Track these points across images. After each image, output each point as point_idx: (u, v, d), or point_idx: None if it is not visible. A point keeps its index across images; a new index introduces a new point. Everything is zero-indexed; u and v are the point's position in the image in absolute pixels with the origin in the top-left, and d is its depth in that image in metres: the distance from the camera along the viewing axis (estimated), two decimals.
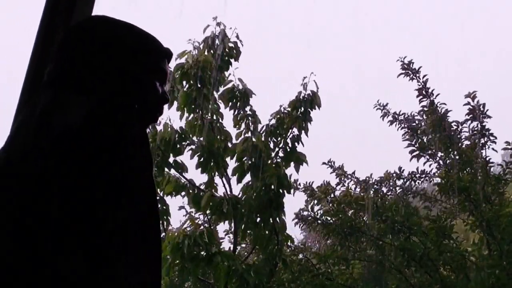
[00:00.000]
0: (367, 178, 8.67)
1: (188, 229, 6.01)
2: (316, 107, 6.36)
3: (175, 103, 6.45)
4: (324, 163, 8.80)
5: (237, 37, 6.55)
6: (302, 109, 6.33)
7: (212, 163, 6.35)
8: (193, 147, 6.41)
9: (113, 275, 1.36)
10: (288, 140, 6.41)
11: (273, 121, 6.50)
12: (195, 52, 6.47)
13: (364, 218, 8.51)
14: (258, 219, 6.19)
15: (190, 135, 6.43)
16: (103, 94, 1.51)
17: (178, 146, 6.38)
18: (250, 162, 6.16)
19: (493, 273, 7.26)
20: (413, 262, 8.10)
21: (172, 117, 6.59)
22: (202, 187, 6.54)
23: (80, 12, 1.88)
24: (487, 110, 7.67)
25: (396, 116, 8.29)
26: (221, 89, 6.55)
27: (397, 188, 8.63)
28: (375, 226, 8.29)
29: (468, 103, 7.69)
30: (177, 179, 6.48)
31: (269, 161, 6.27)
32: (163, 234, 6.47)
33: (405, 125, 8.21)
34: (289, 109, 6.44)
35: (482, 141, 7.69)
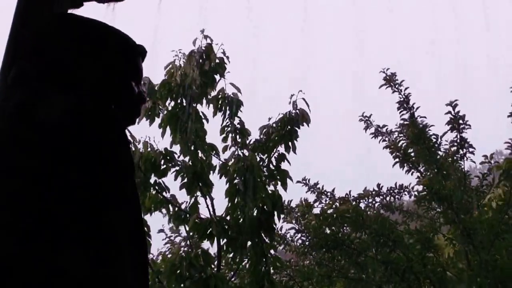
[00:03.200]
0: (346, 195, 8.70)
1: (181, 251, 5.93)
2: (305, 124, 6.28)
3: (156, 119, 6.32)
4: (298, 181, 8.77)
5: (223, 53, 6.44)
6: (289, 127, 6.24)
7: (197, 185, 6.26)
8: (177, 168, 6.31)
9: (114, 275, 1.38)
10: (273, 159, 6.36)
11: (261, 136, 6.42)
12: (180, 64, 6.36)
13: (347, 231, 8.53)
14: (248, 241, 6.09)
15: (175, 156, 6.32)
16: (84, 91, 1.49)
17: (162, 167, 6.27)
18: (242, 183, 6.05)
19: (474, 281, 7.34)
20: (395, 277, 8.14)
21: (151, 134, 6.40)
22: (183, 206, 6.45)
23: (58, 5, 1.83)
24: (467, 121, 7.80)
25: (379, 129, 8.39)
26: (212, 94, 6.39)
27: (376, 204, 8.69)
28: (358, 239, 8.32)
29: (449, 112, 7.81)
30: (157, 195, 6.39)
31: (261, 182, 6.18)
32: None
33: (387, 138, 8.31)
34: (275, 126, 6.35)
35: (461, 152, 7.82)
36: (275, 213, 6.14)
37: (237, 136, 6.36)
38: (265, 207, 6.06)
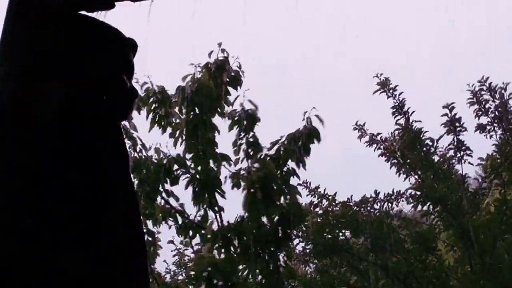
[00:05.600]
0: (348, 200, 8.65)
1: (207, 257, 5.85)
2: (316, 140, 6.17)
3: (169, 128, 6.29)
4: (299, 184, 8.67)
5: (239, 66, 6.41)
6: (300, 143, 6.12)
7: (206, 196, 6.19)
8: (189, 175, 6.23)
9: (114, 275, 1.39)
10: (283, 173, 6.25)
11: (272, 152, 6.29)
12: (198, 76, 6.30)
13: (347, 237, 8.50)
14: (263, 250, 5.97)
15: (188, 163, 6.27)
16: (81, 87, 1.48)
17: (175, 174, 6.21)
18: (260, 191, 5.92)
19: (479, 285, 7.31)
20: (397, 282, 8.10)
21: (162, 142, 6.38)
22: (191, 217, 6.39)
23: None
24: (463, 123, 7.81)
25: (374, 137, 8.37)
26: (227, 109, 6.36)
27: (375, 211, 8.65)
28: (358, 245, 8.30)
29: (446, 115, 7.82)
30: (164, 205, 6.33)
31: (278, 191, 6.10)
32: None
33: (381, 146, 8.30)
34: (286, 142, 6.24)
35: (458, 155, 7.83)
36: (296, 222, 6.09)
37: (249, 150, 6.28)
38: (284, 215, 5.96)
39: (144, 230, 6.18)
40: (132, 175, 6.05)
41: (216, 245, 5.98)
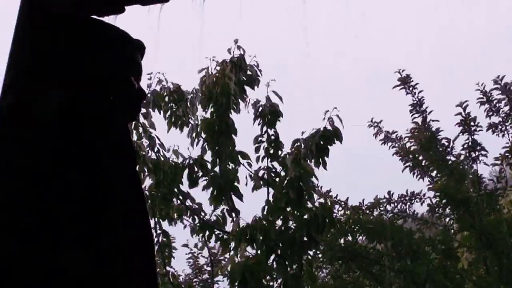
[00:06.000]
0: (360, 204, 8.56)
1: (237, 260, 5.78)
2: (337, 141, 6.00)
3: (185, 128, 6.27)
4: None
5: (257, 65, 6.31)
6: (322, 142, 5.96)
7: (224, 197, 6.14)
8: (207, 178, 6.17)
9: (114, 275, 1.39)
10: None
11: (293, 150, 6.12)
12: (213, 72, 6.21)
13: (362, 242, 8.41)
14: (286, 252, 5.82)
15: (208, 165, 6.22)
16: (81, 87, 1.49)
17: (195, 176, 6.14)
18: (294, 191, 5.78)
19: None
20: (413, 287, 8.00)
21: (180, 142, 6.34)
22: (206, 217, 6.36)
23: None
24: (478, 122, 7.70)
25: (389, 135, 8.27)
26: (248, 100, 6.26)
27: (388, 212, 8.54)
28: (373, 250, 8.21)
29: (460, 114, 7.73)
30: (180, 205, 6.30)
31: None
32: (163, 270, 6.34)
33: (396, 145, 8.21)
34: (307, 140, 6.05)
35: (473, 155, 7.71)
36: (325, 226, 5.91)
37: (270, 148, 6.18)
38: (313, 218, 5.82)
39: (159, 231, 6.22)
40: (148, 176, 6.08)
41: (233, 244, 5.92)
